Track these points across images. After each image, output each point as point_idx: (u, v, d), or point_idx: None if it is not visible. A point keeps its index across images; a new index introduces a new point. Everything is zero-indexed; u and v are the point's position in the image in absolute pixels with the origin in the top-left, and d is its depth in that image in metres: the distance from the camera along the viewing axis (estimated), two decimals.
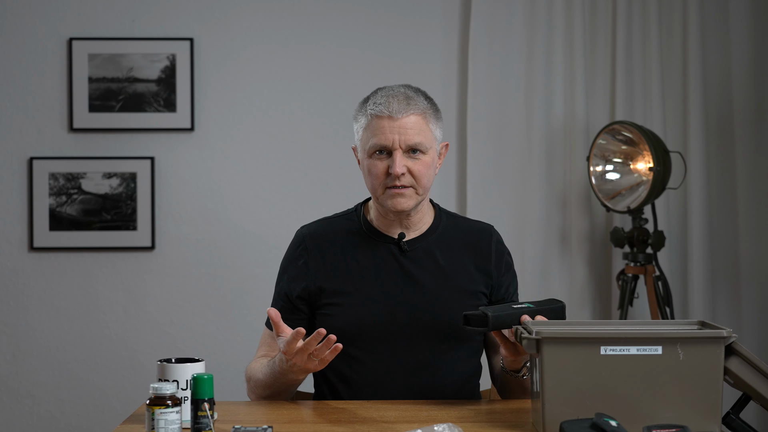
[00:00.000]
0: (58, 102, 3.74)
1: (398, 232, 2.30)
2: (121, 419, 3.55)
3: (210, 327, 3.76)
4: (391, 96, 2.23)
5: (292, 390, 2.25)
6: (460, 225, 2.38)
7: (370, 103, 2.25)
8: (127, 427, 1.96)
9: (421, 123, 2.22)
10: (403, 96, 2.23)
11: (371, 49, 3.79)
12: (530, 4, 3.73)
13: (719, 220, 3.78)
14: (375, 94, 2.27)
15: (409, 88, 2.27)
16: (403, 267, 2.29)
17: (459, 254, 2.32)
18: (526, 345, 1.83)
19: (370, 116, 2.23)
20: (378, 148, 2.22)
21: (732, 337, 1.81)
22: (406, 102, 2.22)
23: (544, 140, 3.73)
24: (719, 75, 3.78)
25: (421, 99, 2.25)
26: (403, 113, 2.20)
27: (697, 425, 1.79)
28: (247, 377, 2.30)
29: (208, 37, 3.76)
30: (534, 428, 1.92)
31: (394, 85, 2.29)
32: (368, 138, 2.23)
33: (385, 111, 2.21)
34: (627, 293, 3.51)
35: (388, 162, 2.21)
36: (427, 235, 2.33)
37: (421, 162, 2.23)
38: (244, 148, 3.77)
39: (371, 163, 2.24)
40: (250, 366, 2.30)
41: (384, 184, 2.23)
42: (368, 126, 2.24)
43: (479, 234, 2.36)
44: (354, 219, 2.35)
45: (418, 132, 2.21)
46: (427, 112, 2.25)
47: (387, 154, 2.22)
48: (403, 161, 2.21)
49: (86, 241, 3.73)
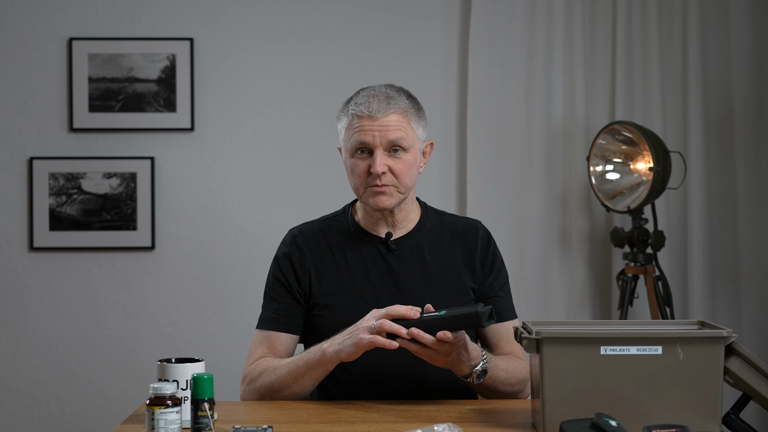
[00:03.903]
0: (58, 102, 3.74)
1: (385, 231, 2.31)
2: (121, 419, 3.55)
3: (210, 327, 3.76)
4: (372, 96, 2.25)
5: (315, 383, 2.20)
6: (447, 222, 2.39)
7: (352, 103, 2.27)
8: (127, 427, 1.96)
9: (402, 121, 2.24)
10: (384, 95, 2.24)
11: (371, 49, 3.79)
12: (530, 4, 3.73)
13: (719, 220, 3.78)
14: (357, 95, 2.29)
15: (390, 87, 2.28)
16: (390, 266, 2.29)
17: (447, 251, 2.33)
18: (526, 345, 1.83)
19: (351, 116, 2.25)
20: (359, 146, 2.23)
21: (732, 337, 1.81)
22: (386, 101, 2.23)
23: (544, 140, 3.73)
24: (719, 75, 3.78)
25: (402, 98, 2.26)
26: (383, 112, 2.22)
27: (697, 425, 1.79)
28: (252, 378, 2.25)
29: (208, 37, 3.76)
30: (534, 428, 1.92)
31: (377, 84, 2.31)
32: (350, 137, 2.25)
33: (365, 111, 2.22)
34: (627, 293, 3.51)
35: (370, 161, 2.23)
36: (414, 232, 2.34)
37: (402, 161, 2.23)
38: (244, 148, 3.77)
39: (353, 162, 2.26)
40: (254, 367, 2.26)
41: (366, 182, 2.25)
42: (350, 125, 2.26)
43: (466, 230, 2.36)
44: (342, 220, 2.37)
45: (399, 128, 2.22)
46: (408, 110, 2.26)
47: (368, 153, 2.24)
48: (384, 160, 2.22)
49: (86, 241, 3.73)
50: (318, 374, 2.17)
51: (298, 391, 2.20)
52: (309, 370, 2.16)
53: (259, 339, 2.33)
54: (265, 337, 2.31)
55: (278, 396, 2.22)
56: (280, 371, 2.21)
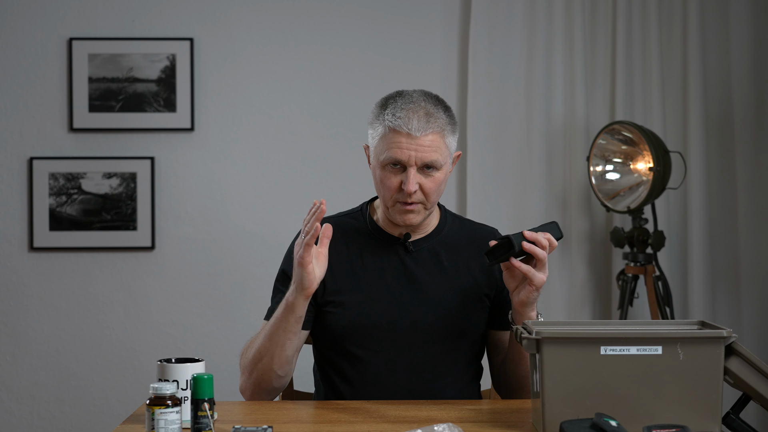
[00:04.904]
0: (58, 102, 3.74)
1: (403, 232, 2.31)
2: (121, 419, 3.55)
3: (210, 327, 3.76)
4: (412, 111, 2.18)
5: (292, 336, 2.18)
6: (465, 227, 2.39)
7: (389, 113, 2.20)
8: (127, 427, 1.96)
9: (438, 141, 2.19)
10: (424, 112, 2.18)
11: (371, 49, 3.79)
12: (530, 4, 3.73)
13: (719, 220, 3.78)
14: (394, 102, 2.21)
15: (428, 99, 2.22)
16: (407, 267, 2.29)
17: (463, 256, 2.33)
18: (526, 345, 1.83)
19: (388, 128, 2.19)
20: (393, 162, 2.20)
21: (732, 337, 1.81)
22: (426, 120, 2.17)
23: (544, 140, 3.73)
24: (719, 75, 3.78)
25: (441, 114, 2.21)
26: (422, 132, 2.17)
27: (697, 425, 1.79)
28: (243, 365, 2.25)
29: (208, 37, 3.76)
30: (534, 428, 1.92)
31: (415, 92, 2.24)
32: (383, 149, 2.20)
33: (404, 127, 2.17)
34: (627, 293, 3.51)
35: (402, 177, 2.19)
36: (433, 236, 2.33)
37: (434, 179, 2.21)
38: (244, 148, 3.77)
39: (384, 174, 2.22)
40: (243, 353, 2.27)
41: (395, 198, 2.22)
42: (384, 137, 2.20)
43: (484, 236, 2.36)
44: (360, 218, 2.36)
45: (435, 150, 2.18)
46: (445, 128, 2.21)
47: (401, 167, 2.20)
48: (416, 178, 2.19)
49: (86, 241, 3.73)
50: (290, 324, 2.15)
51: (278, 351, 2.17)
52: (281, 323, 2.15)
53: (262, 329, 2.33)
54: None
55: (265, 367, 2.18)
56: (258, 339, 2.21)
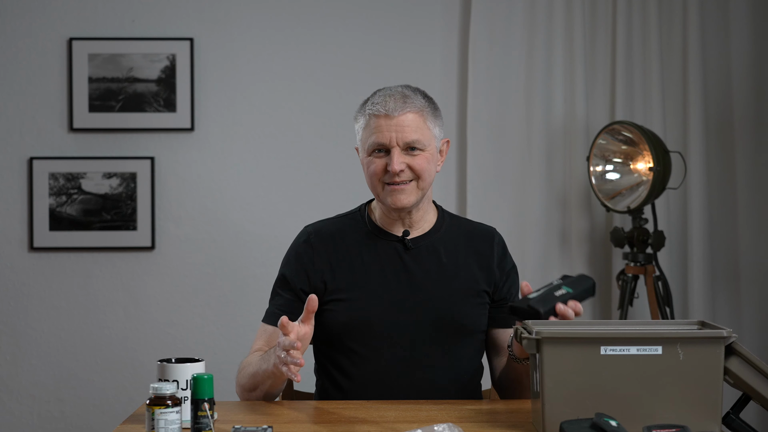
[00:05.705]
0: (58, 102, 3.74)
1: (402, 230, 2.33)
2: (121, 419, 3.55)
3: (210, 327, 3.76)
4: (389, 95, 2.27)
5: (274, 392, 2.23)
6: (463, 225, 2.41)
7: (369, 103, 2.29)
8: (127, 427, 1.96)
9: (418, 120, 2.25)
10: (400, 95, 2.27)
11: (371, 48, 3.79)
12: (530, 4, 3.73)
13: (719, 220, 3.78)
14: (374, 95, 2.31)
15: (407, 87, 2.31)
16: (406, 265, 2.31)
17: (462, 253, 2.34)
18: (526, 345, 1.83)
19: (368, 116, 2.27)
20: (376, 146, 2.25)
21: (732, 337, 1.81)
22: (402, 100, 2.25)
23: (544, 140, 3.73)
24: (719, 75, 3.78)
25: (419, 97, 2.29)
26: (399, 111, 2.24)
27: (697, 425, 1.79)
28: (238, 378, 2.29)
29: (208, 37, 3.76)
30: (534, 428, 1.92)
31: (393, 85, 2.33)
32: (367, 137, 2.27)
33: (381, 110, 2.24)
34: (627, 293, 3.51)
35: (387, 160, 2.25)
36: (431, 234, 2.35)
37: (421, 156, 2.26)
38: (244, 148, 3.77)
39: (370, 161, 2.27)
40: (242, 364, 2.30)
41: (383, 181, 2.26)
42: (367, 125, 2.28)
43: (482, 234, 2.39)
44: (358, 219, 2.38)
45: (415, 129, 2.25)
46: (424, 110, 2.28)
47: (385, 152, 2.26)
48: (402, 158, 2.24)
49: (86, 241, 3.73)
50: (275, 383, 2.18)
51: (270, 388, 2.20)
52: (266, 378, 2.17)
53: (260, 333, 2.36)
54: (266, 331, 2.34)
55: (259, 395, 2.23)
56: (246, 372, 2.24)
